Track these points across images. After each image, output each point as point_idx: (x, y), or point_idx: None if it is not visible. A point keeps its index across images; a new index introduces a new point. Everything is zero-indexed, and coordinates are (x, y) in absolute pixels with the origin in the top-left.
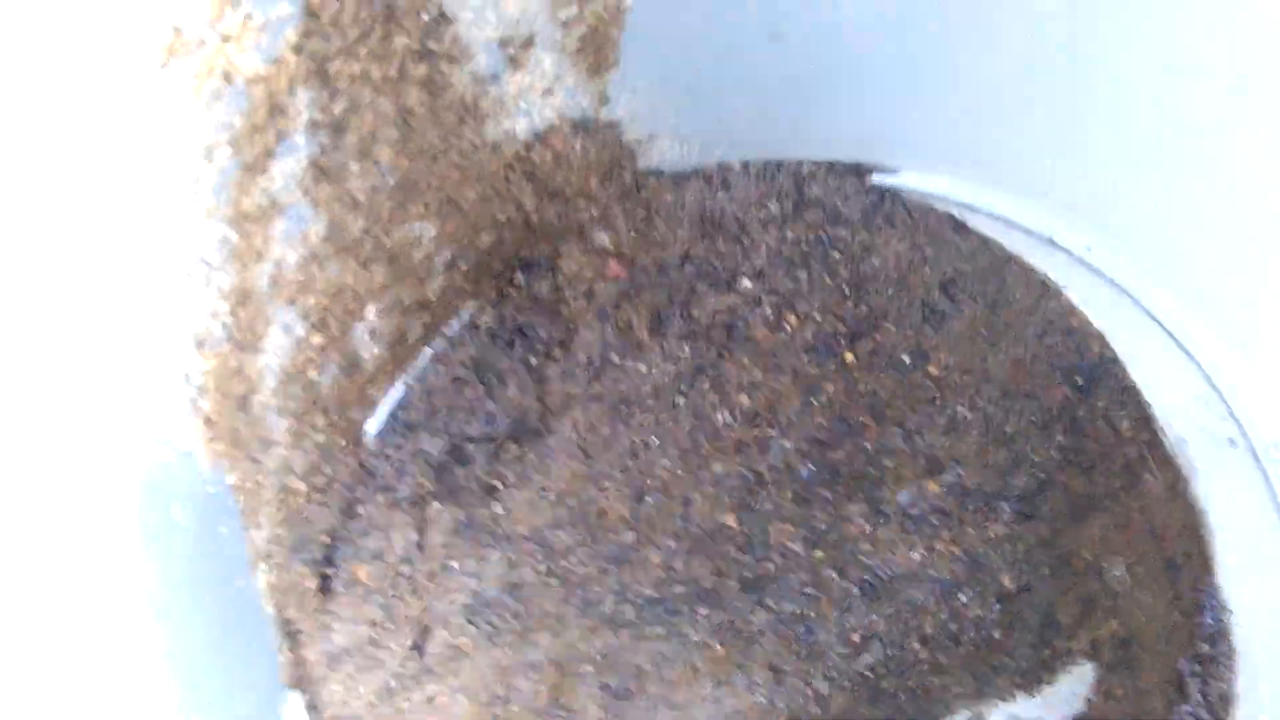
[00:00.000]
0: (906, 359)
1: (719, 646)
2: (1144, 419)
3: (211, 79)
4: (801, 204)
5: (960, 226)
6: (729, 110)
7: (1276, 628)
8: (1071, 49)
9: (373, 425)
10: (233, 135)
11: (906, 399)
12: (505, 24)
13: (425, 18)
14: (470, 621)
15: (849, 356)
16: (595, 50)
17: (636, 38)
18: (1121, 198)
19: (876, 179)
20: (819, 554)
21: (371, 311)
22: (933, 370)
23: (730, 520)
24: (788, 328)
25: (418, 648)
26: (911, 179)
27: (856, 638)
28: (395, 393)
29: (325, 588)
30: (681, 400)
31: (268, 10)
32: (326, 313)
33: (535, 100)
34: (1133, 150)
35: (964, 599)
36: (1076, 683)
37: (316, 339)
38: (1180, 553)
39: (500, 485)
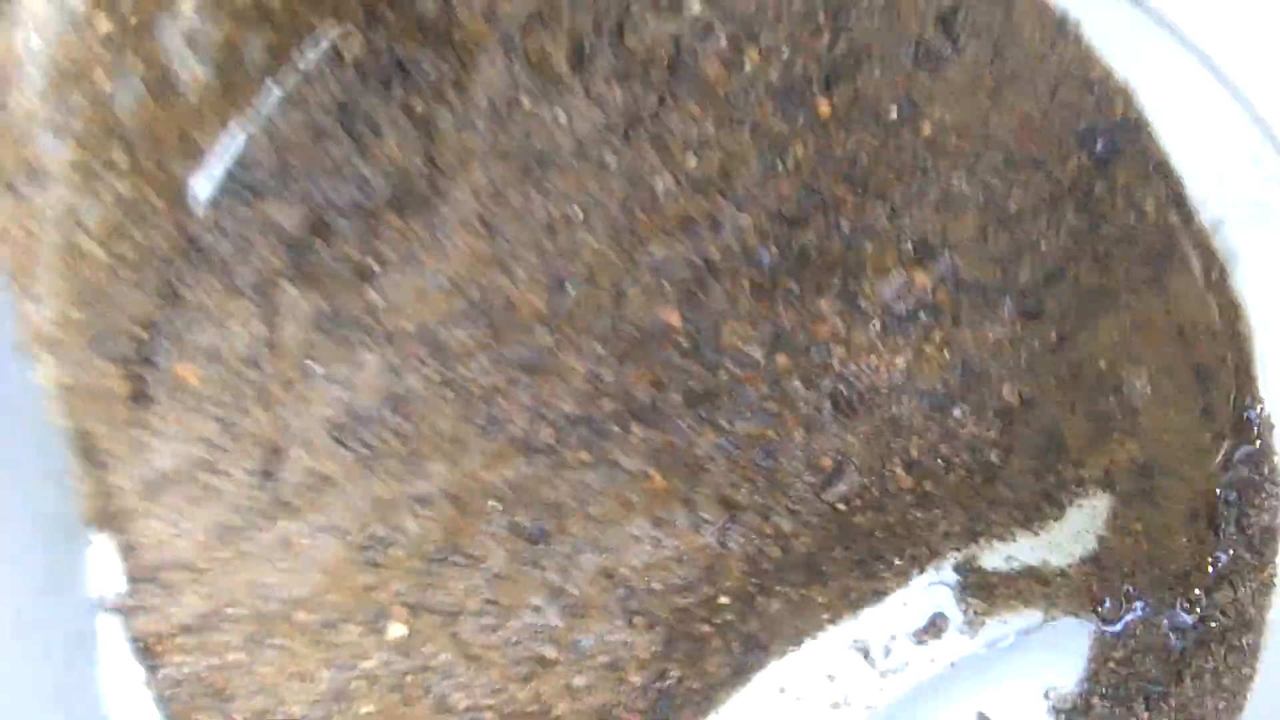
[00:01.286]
0: (894, 112)
1: (657, 475)
2: (1174, 194)
3: None
4: None
5: None
6: None
7: None
8: None
9: (203, 188)
10: None
11: (891, 165)
12: None
13: None
14: (339, 441)
15: (823, 107)
16: None
17: None
18: None
19: None
20: (781, 360)
21: (188, 3)
22: (925, 129)
23: (672, 317)
24: (747, 66)
25: (267, 474)
26: None
27: (826, 463)
28: (233, 145)
29: (140, 394)
30: (612, 159)
31: None
32: None
33: None
34: None
35: (957, 415)
36: (1087, 518)
37: (105, 24)
38: (1213, 357)
39: (377, 267)
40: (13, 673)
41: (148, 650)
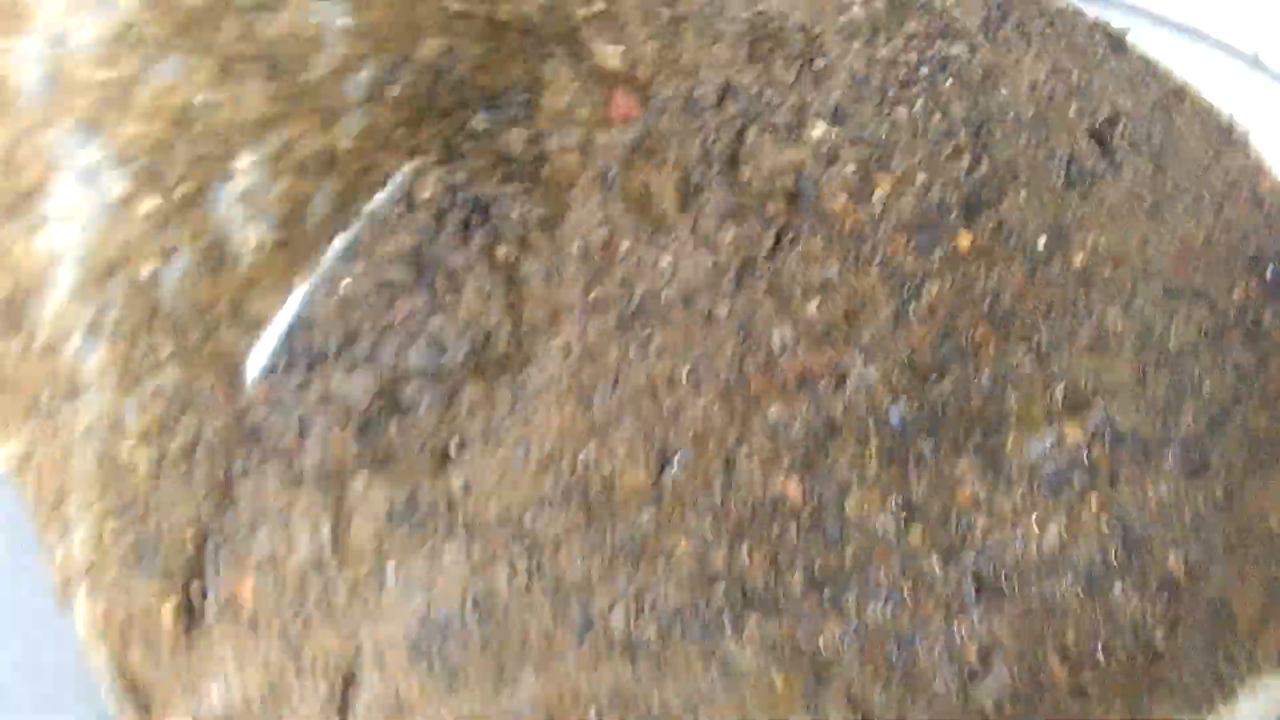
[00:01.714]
0: (1041, 242)
1: (777, 675)
2: None
3: None
4: (899, 6)
5: (1118, 43)
6: None
7: None
8: None
9: (257, 357)
10: None
11: (1039, 302)
12: None
13: None
14: (418, 656)
15: (963, 239)
16: None
17: None
18: None
19: None
20: (916, 534)
21: (244, 160)
22: (1076, 259)
23: (790, 488)
24: (877, 196)
25: (340, 706)
26: None
27: (971, 655)
28: (291, 304)
29: (191, 619)
30: (722, 309)
31: None
32: (159, 155)
33: None
34: None
35: (1118, 591)
36: (1262, 705)
37: (149, 201)
38: None
39: (455, 446)
40: None
41: None
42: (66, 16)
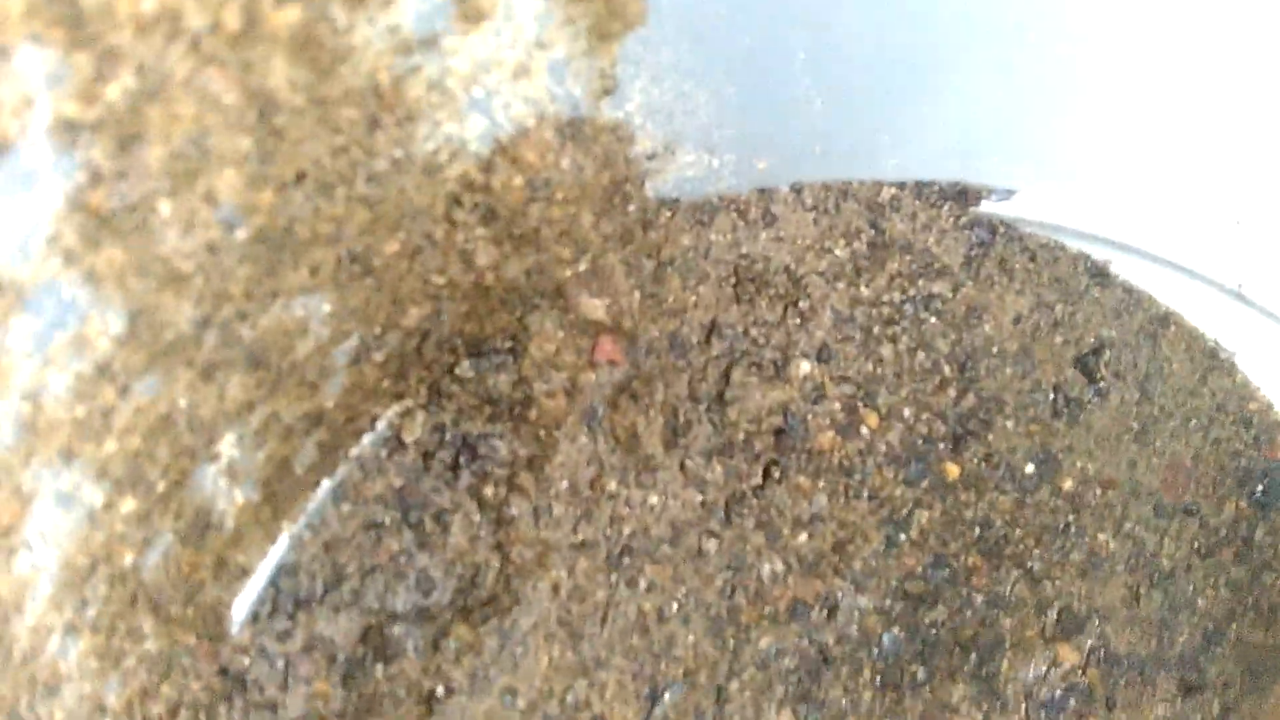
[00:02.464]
0: (1030, 468)
1: None
2: None
3: None
4: (880, 246)
5: (1101, 273)
6: (781, 104)
7: None
8: None
9: (241, 605)
10: None
11: (1030, 527)
12: None
13: None
14: None
15: (951, 469)
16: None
17: None
18: None
19: (986, 207)
20: None
21: (227, 441)
22: (1065, 484)
23: (784, 718)
24: (864, 431)
25: None
26: (1032, 205)
27: None
28: (277, 550)
29: None
30: (711, 544)
31: None
32: (140, 461)
33: (500, 84)
34: None
35: None
36: None
37: (129, 502)
38: None
39: (441, 689)
40: None
41: None
42: (42, 369)
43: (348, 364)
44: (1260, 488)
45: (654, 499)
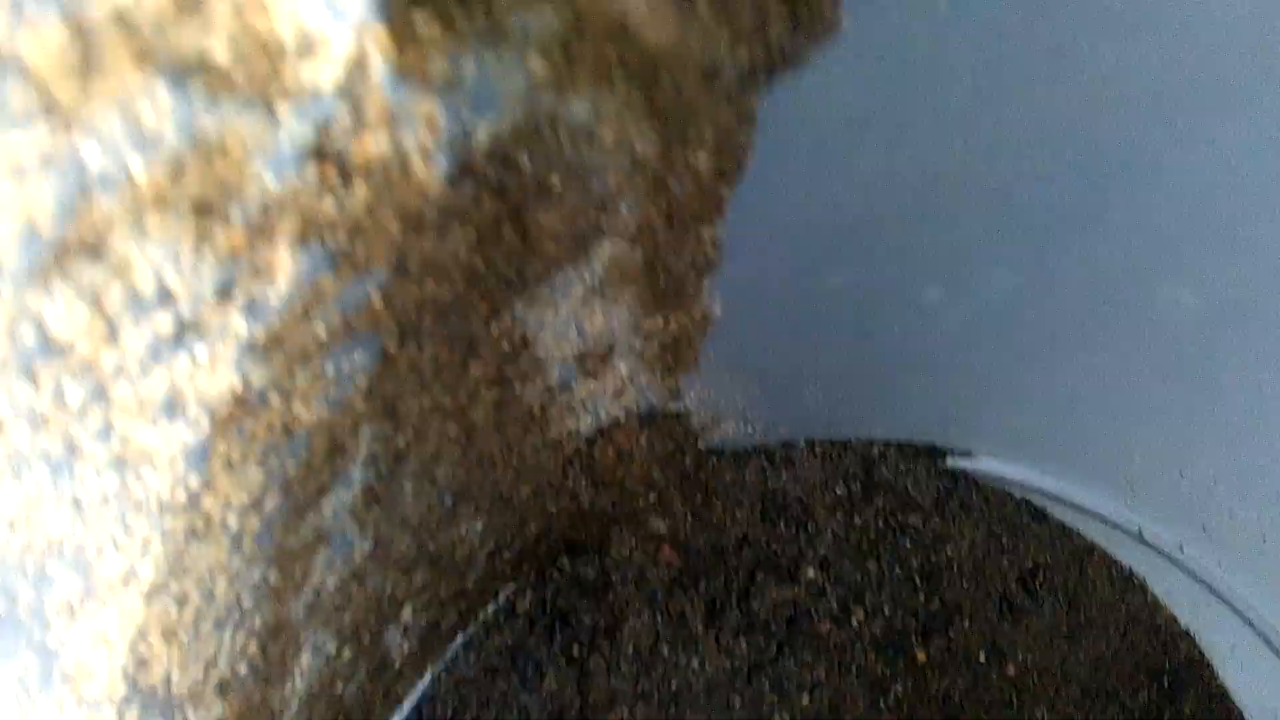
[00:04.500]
0: (982, 657)
1: None
2: None
3: (270, 436)
4: (870, 487)
5: (1039, 514)
6: (798, 391)
7: None
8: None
9: None
10: (284, 481)
11: (981, 701)
12: (587, 341)
13: (506, 346)
14: None
15: (920, 654)
16: (674, 355)
17: (716, 338)
18: (1220, 499)
19: (950, 462)
20: None
21: (408, 613)
22: (1010, 670)
23: None
24: (854, 622)
25: None
26: (988, 464)
27: None
28: (422, 683)
29: None
30: (738, 700)
31: (342, 364)
32: (360, 626)
33: (604, 401)
34: (1239, 449)
35: None
36: None
37: (347, 653)
38: None
39: None
40: None
41: None
42: (326, 577)
43: (486, 559)
44: (1168, 680)
45: (695, 663)
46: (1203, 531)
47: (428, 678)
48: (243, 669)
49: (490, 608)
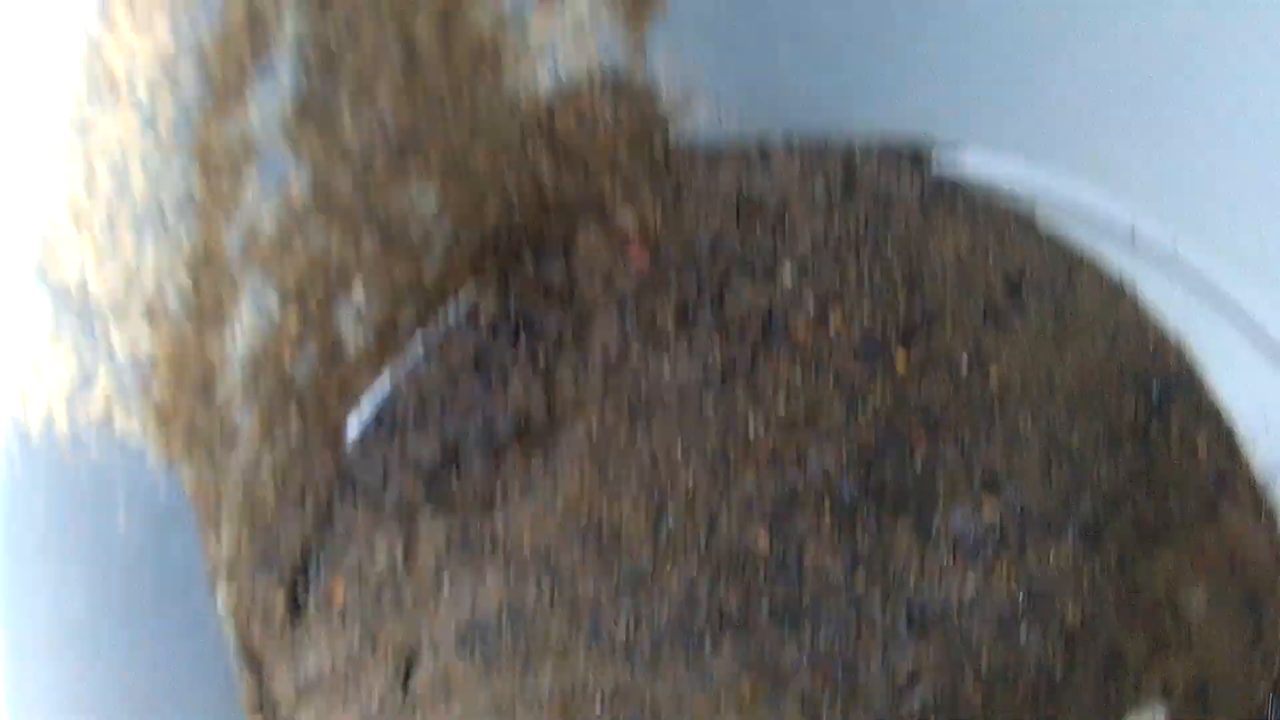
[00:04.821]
0: (964, 364)
1: (746, 682)
2: (1226, 440)
3: None
4: (852, 188)
5: (1028, 220)
6: (776, 67)
7: None
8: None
9: (354, 424)
10: (199, 53)
11: (962, 409)
12: None
13: None
14: (463, 647)
15: (900, 360)
16: None
17: None
18: (1218, 186)
19: (936, 165)
20: (861, 580)
21: (359, 289)
22: (993, 377)
23: (761, 540)
24: (832, 326)
25: (402, 677)
26: (976, 161)
27: (903, 677)
28: (381, 387)
29: (295, 608)
30: (710, 405)
31: None
32: (306, 287)
33: (563, 47)
34: (1236, 133)
35: (1023, 633)
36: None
37: (294, 319)
38: (1264, 586)
39: (501, 495)
40: None
41: None
42: (260, 211)
43: (444, 247)
44: (1156, 392)
45: (666, 367)
46: (1197, 229)
47: (387, 380)
48: (171, 297)
49: (452, 312)
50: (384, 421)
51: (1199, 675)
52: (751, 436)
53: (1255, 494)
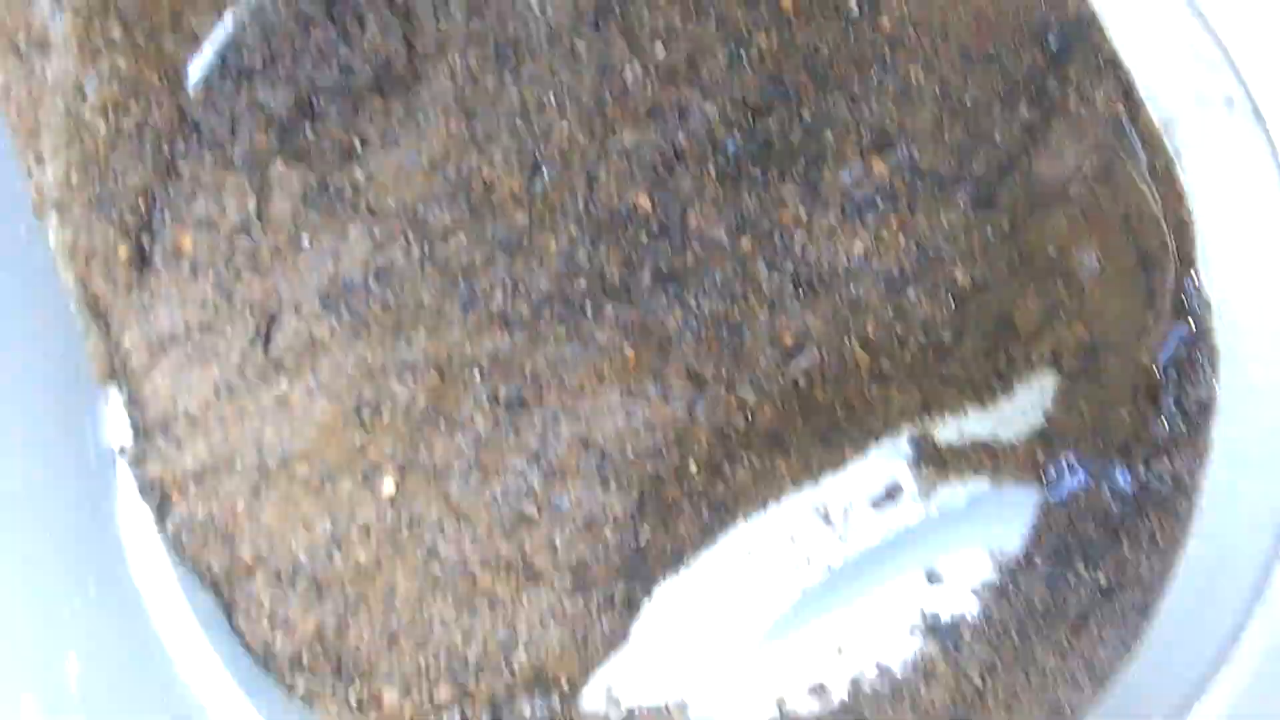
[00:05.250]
0: (854, 8)
1: (629, 349)
2: (1125, 90)
3: None
4: None
5: None
6: None
7: (1265, 323)
8: None
9: (196, 69)
10: None
11: (852, 57)
12: None
13: None
14: (328, 309)
15: (787, 2)
16: None
17: None
18: None
19: None
20: (746, 243)
21: None
22: (885, 23)
23: (642, 200)
24: None
25: (262, 337)
26: None
27: (788, 340)
28: (222, 31)
29: (142, 258)
30: (582, 47)
31: None
32: None
33: None
34: None
35: (912, 296)
36: (1035, 394)
37: None
38: (1157, 244)
39: (360, 146)
40: (37, 515)
41: (159, 496)
42: None
43: None
44: (1052, 41)
45: (534, 4)
46: None
47: (228, 24)
48: None
49: None
50: (230, 67)
51: (1090, 340)
52: (629, 85)
53: (1152, 148)
